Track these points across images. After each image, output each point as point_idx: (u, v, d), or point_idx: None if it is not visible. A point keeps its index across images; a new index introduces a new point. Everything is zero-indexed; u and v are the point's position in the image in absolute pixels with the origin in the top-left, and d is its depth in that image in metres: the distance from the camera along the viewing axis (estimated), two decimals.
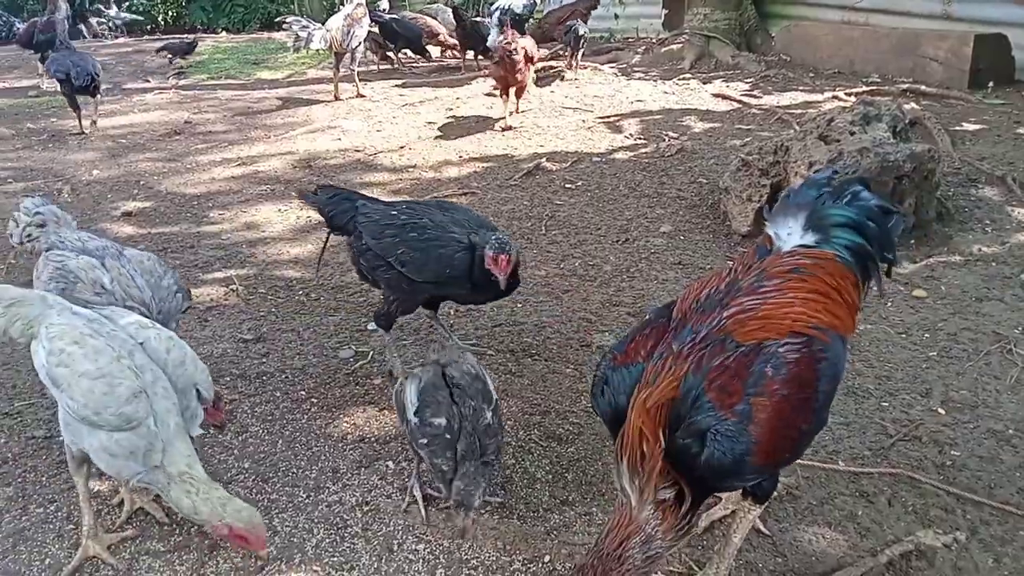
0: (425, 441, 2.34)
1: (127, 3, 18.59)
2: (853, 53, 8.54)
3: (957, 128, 6.01)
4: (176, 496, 2.10)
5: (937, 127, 5.77)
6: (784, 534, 2.38)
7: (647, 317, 2.02)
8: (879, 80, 7.90)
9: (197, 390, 2.26)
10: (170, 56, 10.98)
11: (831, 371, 1.80)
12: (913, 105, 6.25)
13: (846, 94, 7.25)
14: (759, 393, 1.69)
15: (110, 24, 17.35)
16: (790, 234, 1.96)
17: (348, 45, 8.20)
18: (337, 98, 8.58)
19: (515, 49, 6.72)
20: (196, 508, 2.08)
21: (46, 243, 2.75)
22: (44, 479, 2.70)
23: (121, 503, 2.53)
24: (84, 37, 16.75)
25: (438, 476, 2.35)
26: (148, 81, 10.66)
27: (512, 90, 7.08)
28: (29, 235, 2.80)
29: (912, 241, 4.35)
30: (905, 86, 7.32)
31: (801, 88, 7.93)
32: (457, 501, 2.26)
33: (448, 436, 2.32)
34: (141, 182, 6.12)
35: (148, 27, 18.61)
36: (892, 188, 4.26)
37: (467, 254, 2.92)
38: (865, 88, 7.46)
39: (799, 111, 6.79)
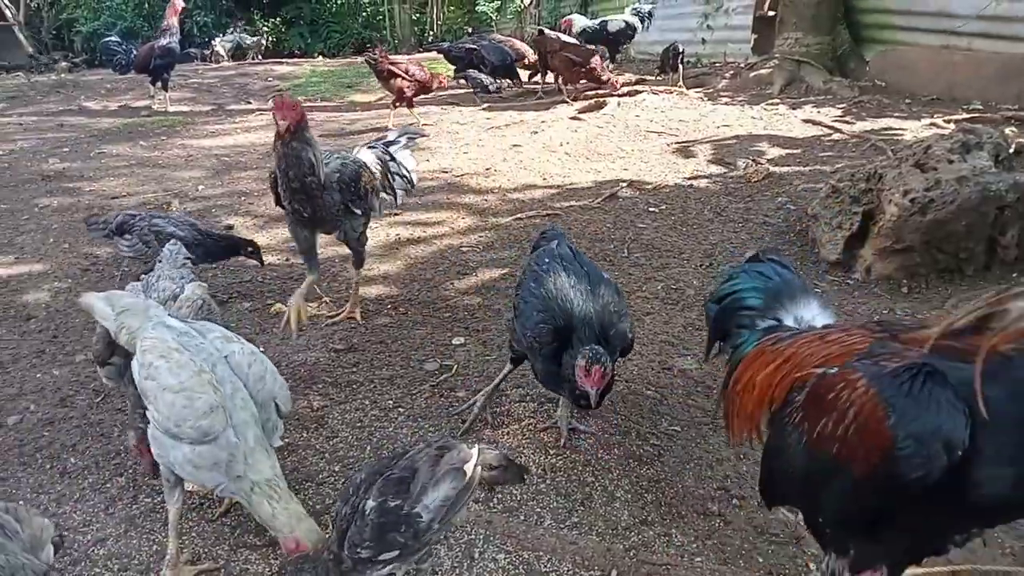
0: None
1: (231, 31, 19.65)
2: (953, 79, 8.27)
3: None
4: (257, 502, 2.19)
5: None
6: None
7: None
8: (981, 107, 7.62)
9: (276, 404, 2.36)
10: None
11: None
12: (1017, 132, 5.99)
13: (945, 121, 7.01)
14: None
15: (242, 47, 18.56)
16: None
17: None
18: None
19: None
20: (275, 515, 2.17)
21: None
22: None
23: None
24: (197, 59, 17.77)
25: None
26: (250, 103, 11.24)
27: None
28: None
29: (1015, 275, 4.18)
30: (1009, 113, 7.03)
31: (896, 114, 7.71)
32: None
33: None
34: (243, 198, 6.47)
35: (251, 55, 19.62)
36: (993, 219, 4.12)
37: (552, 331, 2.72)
38: (965, 115, 7.20)
39: (894, 137, 6.61)
